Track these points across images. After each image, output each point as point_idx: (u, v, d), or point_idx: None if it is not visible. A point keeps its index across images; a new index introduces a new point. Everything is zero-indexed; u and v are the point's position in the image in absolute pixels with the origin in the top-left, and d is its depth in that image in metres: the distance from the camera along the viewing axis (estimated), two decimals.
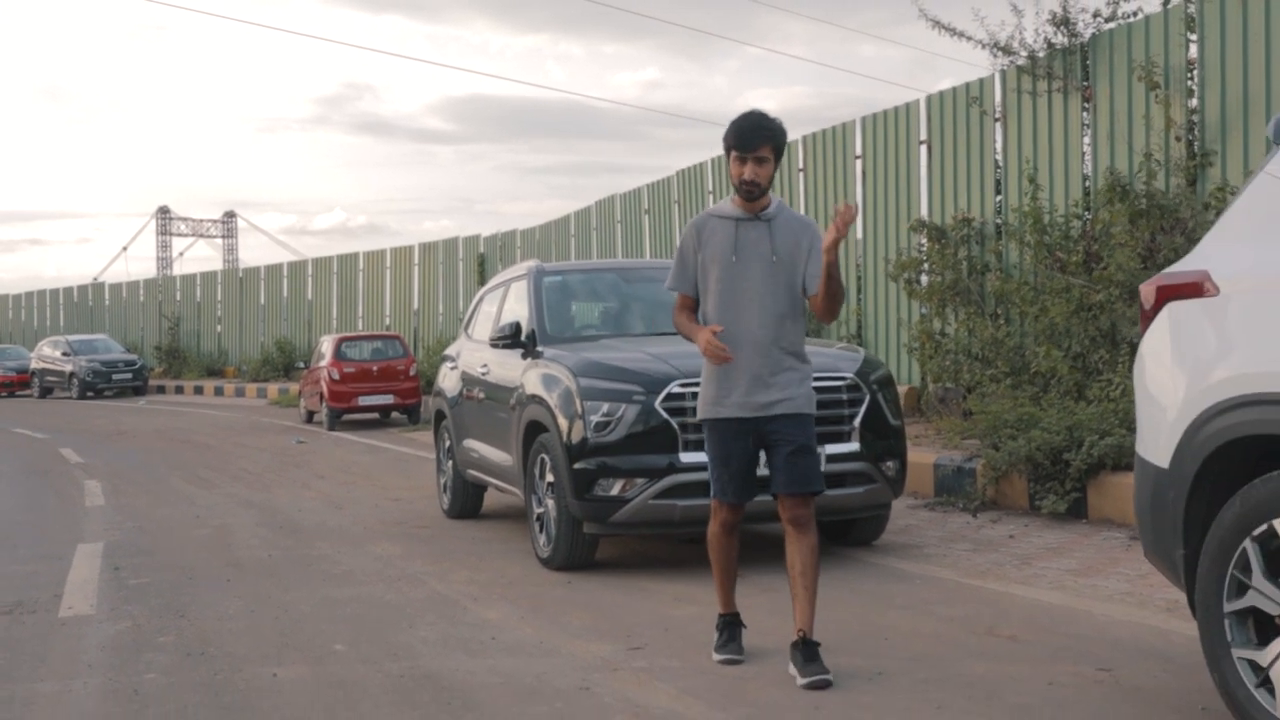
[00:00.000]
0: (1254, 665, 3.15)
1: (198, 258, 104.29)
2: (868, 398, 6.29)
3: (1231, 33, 9.19)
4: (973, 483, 8.16)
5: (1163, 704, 3.66)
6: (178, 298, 34.43)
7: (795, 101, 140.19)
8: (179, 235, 70.04)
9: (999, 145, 11.55)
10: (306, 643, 4.89)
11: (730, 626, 4.55)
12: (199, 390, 28.98)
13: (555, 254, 22.16)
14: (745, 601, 4.76)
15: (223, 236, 71.79)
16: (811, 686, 4.02)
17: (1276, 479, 3.06)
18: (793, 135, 13.99)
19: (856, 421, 6.22)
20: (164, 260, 67.96)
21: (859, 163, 13.52)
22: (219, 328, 33.06)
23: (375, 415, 18.77)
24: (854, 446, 6.22)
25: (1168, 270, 3.58)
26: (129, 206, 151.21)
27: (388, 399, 18.16)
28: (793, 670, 4.16)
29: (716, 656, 4.47)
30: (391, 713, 3.87)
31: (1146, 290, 3.58)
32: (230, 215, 71.99)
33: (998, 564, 6.17)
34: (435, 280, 25.88)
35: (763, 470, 4.48)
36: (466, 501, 8.45)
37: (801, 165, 14.55)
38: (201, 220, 71.36)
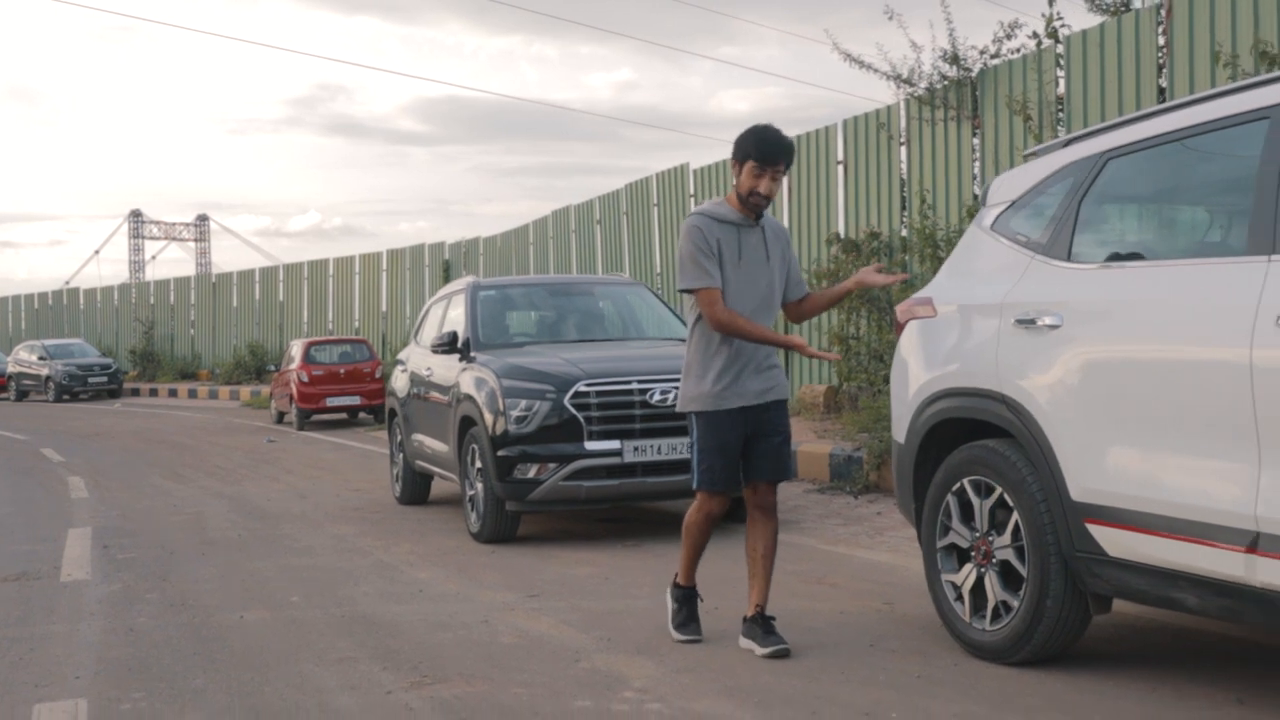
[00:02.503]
0: (953, 585, 4.32)
1: (170, 260, 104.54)
2: None
3: (1092, 72, 10.41)
4: (859, 469, 9.34)
5: (917, 624, 4.81)
6: (151, 302, 35.35)
7: (769, 103, 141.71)
8: (151, 238, 70.59)
9: (904, 167, 12.77)
10: (268, 596, 5.99)
11: (689, 601, 4.75)
12: (173, 393, 29.94)
13: (515, 260, 23.27)
14: (632, 562, 5.90)
15: (195, 240, 72.31)
16: (773, 656, 4.34)
17: (965, 450, 4.24)
18: (728, 152, 15.19)
19: None
20: (136, 263, 68.51)
21: (785, 180, 14.70)
22: (192, 331, 34.01)
23: (343, 415, 19.86)
24: None
25: (914, 295, 4.75)
26: (101, 209, 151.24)
27: (354, 400, 19.24)
28: (749, 643, 4.47)
29: (677, 636, 4.68)
30: (332, 640, 4.98)
31: (899, 309, 4.75)
32: (203, 219, 72.52)
33: (855, 534, 7.33)
34: (403, 285, 26.95)
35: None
36: (416, 489, 9.57)
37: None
38: (174, 224, 71.83)
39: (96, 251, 77.27)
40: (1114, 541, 3.68)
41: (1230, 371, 3.28)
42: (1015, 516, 4.04)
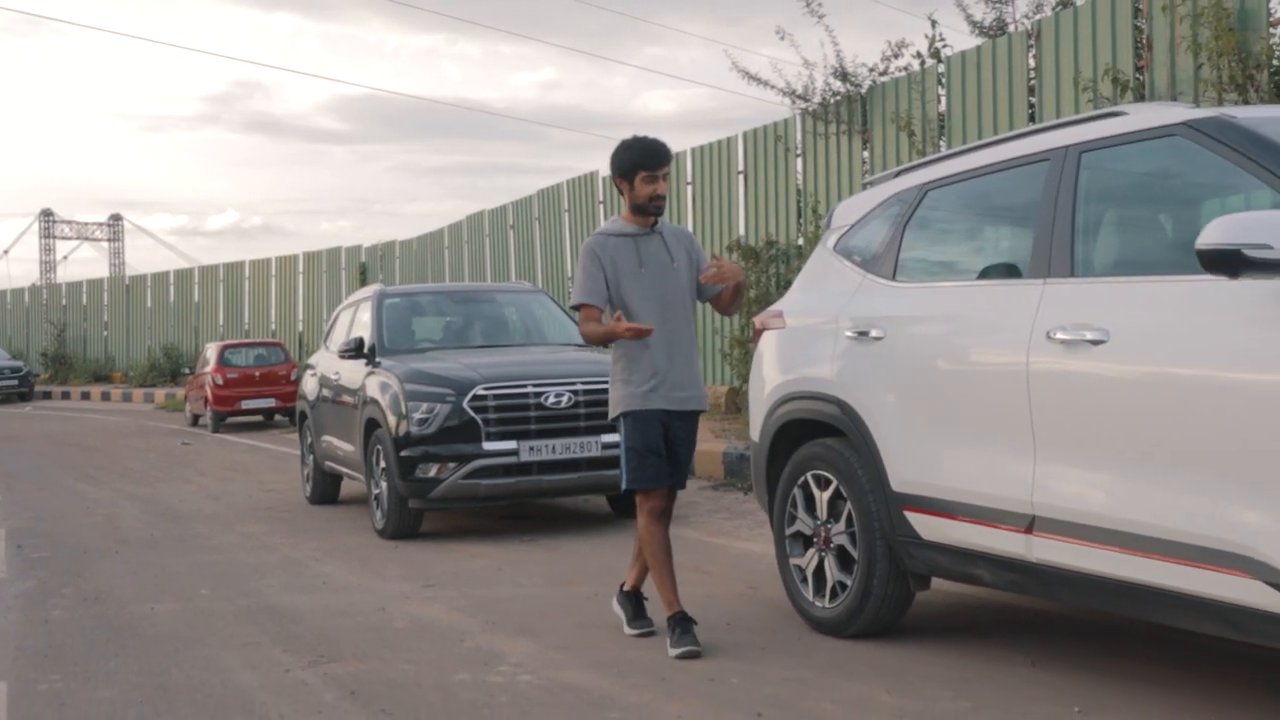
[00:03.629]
0: (799, 568, 4.85)
1: (83, 260, 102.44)
2: None
3: (970, 91, 11.08)
4: (750, 467, 9.87)
5: (772, 605, 5.31)
6: (63, 303, 34.95)
7: (693, 104, 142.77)
8: (63, 238, 69.24)
9: (800, 177, 13.38)
10: (178, 590, 6.34)
11: (682, 622, 4.60)
12: (86, 396, 29.70)
13: (431, 264, 23.56)
14: (525, 554, 6.33)
15: (109, 239, 71.07)
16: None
17: (807, 448, 4.76)
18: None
19: None
20: (48, 264, 67.16)
21: (690, 188, 15.26)
22: (106, 334, 33.72)
23: (259, 418, 20.03)
24: None
25: (769, 308, 5.27)
26: (9, 208, 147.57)
27: (269, 402, 19.43)
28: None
29: (673, 652, 4.51)
30: (237, 627, 5.37)
31: (756, 320, 5.26)
32: (116, 218, 71.31)
33: (737, 528, 7.86)
34: (320, 288, 27.07)
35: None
36: (326, 489, 9.92)
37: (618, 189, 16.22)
38: (86, 223, 70.50)
39: (5, 251, 75.70)
40: (926, 526, 4.22)
41: (1012, 378, 3.83)
42: (848, 506, 4.57)
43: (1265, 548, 3.06)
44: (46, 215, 69.62)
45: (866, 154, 12.38)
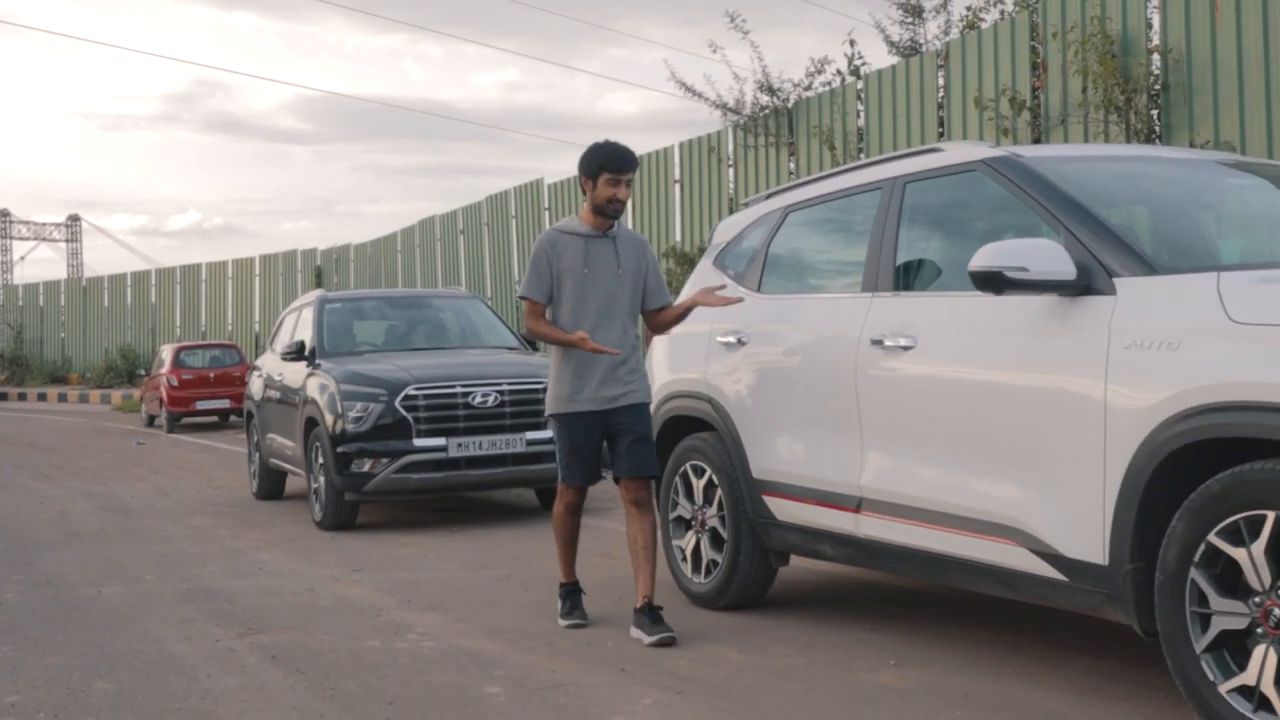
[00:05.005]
0: (680, 549, 5.43)
1: (40, 260, 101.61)
2: None
3: (886, 107, 11.72)
4: None
5: (663, 585, 5.88)
6: (20, 304, 35.10)
7: (656, 104, 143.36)
8: (20, 239, 68.88)
9: (732, 186, 13.99)
10: (125, 576, 6.84)
11: (573, 594, 5.12)
12: (42, 397, 29.92)
13: (384, 267, 24.03)
14: (450, 543, 6.87)
15: (67, 240, 70.75)
16: (659, 644, 4.63)
17: (686, 441, 5.35)
18: (564, 174, 16.26)
19: None
20: (4, 265, 66.84)
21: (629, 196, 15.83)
22: (63, 335, 33.92)
23: (213, 418, 20.44)
24: (549, 433, 8.40)
25: None
26: None
27: (224, 403, 19.84)
28: (638, 633, 4.74)
29: (563, 622, 5.01)
30: (176, 606, 5.88)
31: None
32: (75, 218, 71.01)
33: None
34: (276, 290, 27.45)
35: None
36: (271, 485, 10.42)
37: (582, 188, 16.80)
38: (44, 223, 70.11)
39: None
40: (780, 508, 4.81)
41: (844, 379, 4.42)
42: (719, 492, 5.15)
43: (1028, 520, 3.66)
44: (3, 215, 69.21)
45: (793, 165, 13.01)
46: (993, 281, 3.62)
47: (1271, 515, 2.99)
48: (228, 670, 4.59)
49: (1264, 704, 3.04)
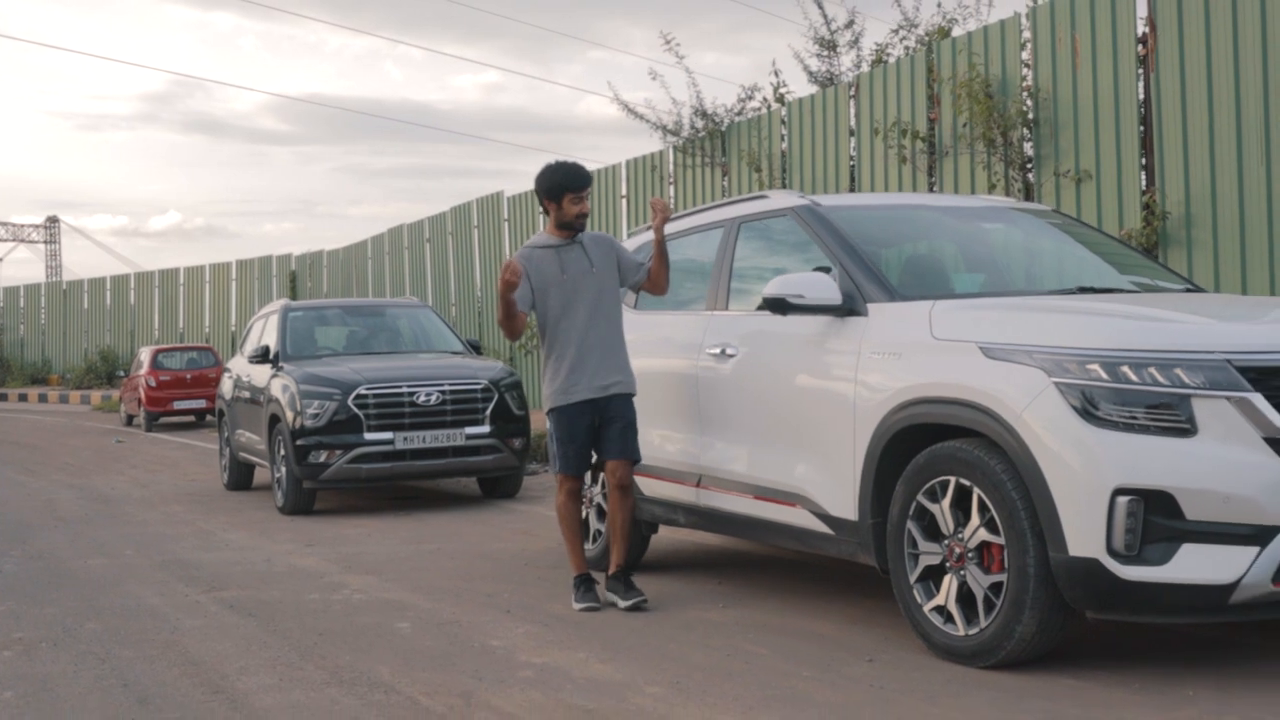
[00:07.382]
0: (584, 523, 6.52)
1: (19, 261, 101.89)
2: (496, 396, 9.59)
3: (806, 133, 12.84)
4: None
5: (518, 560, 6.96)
6: (0, 306, 35.97)
7: (637, 107, 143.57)
8: None
9: (673, 203, 15.09)
10: (107, 551, 7.89)
11: (586, 583, 5.43)
12: (23, 397, 30.85)
13: (355, 273, 25.05)
14: (396, 524, 7.93)
15: (45, 241, 71.25)
16: (633, 609, 5.21)
17: None
18: (525, 185, 17.33)
19: (488, 411, 9.52)
20: None
21: None
22: (43, 337, 34.82)
23: (190, 418, 21.44)
24: (486, 429, 9.52)
25: None
26: None
27: (200, 403, 20.84)
28: (612, 596, 5.30)
29: (577, 606, 5.32)
30: (152, 573, 6.94)
31: None
32: (53, 220, 71.52)
33: None
34: (252, 294, 28.46)
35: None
36: (240, 477, 11.48)
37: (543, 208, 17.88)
38: (22, 225, 70.61)
39: None
40: (648, 486, 5.91)
41: (688, 380, 5.53)
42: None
43: (809, 488, 4.77)
44: None
45: (725, 184, 14.12)
46: (779, 305, 4.72)
47: (953, 480, 4.10)
48: (193, 615, 5.66)
49: (949, 618, 4.15)
